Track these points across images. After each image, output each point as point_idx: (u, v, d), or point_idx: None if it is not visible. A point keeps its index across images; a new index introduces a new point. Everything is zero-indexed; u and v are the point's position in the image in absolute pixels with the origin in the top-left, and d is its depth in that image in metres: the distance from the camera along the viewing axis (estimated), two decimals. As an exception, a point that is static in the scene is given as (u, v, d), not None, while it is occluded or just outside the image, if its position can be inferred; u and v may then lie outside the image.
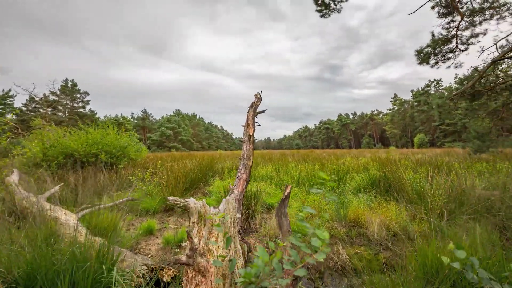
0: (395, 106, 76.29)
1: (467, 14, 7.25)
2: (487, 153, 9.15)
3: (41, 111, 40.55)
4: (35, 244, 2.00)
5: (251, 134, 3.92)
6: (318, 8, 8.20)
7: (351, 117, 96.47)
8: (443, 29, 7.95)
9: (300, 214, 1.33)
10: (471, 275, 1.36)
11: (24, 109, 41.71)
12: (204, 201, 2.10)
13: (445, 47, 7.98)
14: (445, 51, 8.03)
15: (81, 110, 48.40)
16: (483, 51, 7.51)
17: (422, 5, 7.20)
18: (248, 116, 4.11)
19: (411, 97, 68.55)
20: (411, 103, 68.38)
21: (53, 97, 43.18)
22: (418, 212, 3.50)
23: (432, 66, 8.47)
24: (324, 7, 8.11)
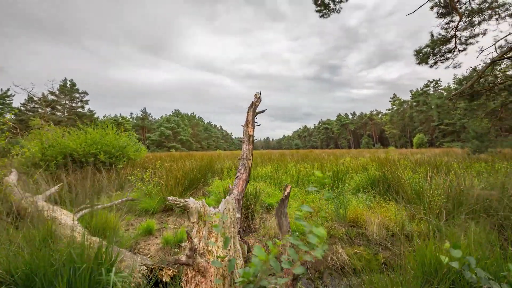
0: (394, 106, 76.44)
1: (466, 14, 7.27)
2: (486, 153, 9.18)
3: (39, 111, 40.42)
4: (33, 244, 1.99)
5: (250, 134, 3.91)
6: (318, 8, 8.22)
7: (350, 117, 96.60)
8: (442, 29, 7.98)
9: (298, 213, 1.33)
10: (469, 274, 1.36)
11: (22, 109, 41.59)
12: (204, 201, 2.10)
13: (444, 47, 8.01)
14: (444, 51, 8.05)
15: (80, 110, 48.27)
16: (482, 51, 7.54)
17: (421, 5, 7.22)
18: (247, 116, 4.11)
19: (410, 97, 68.72)
20: (410, 103, 68.53)
21: (51, 97, 43.06)
22: (417, 212, 3.51)
23: (431, 66, 8.51)
24: (323, 7, 8.13)
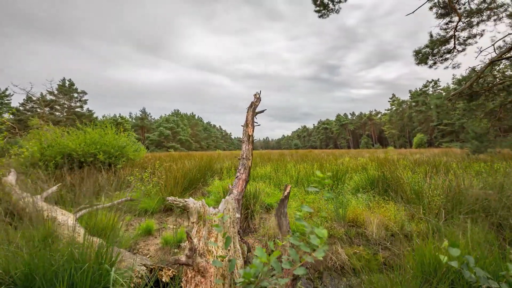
0: (393, 106, 76.55)
1: (464, 15, 7.29)
2: (485, 153, 9.20)
3: (38, 110, 40.29)
4: (32, 244, 1.98)
5: (250, 134, 3.91)
6: (317, 8, 8.22)
7: (349, 117, 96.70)
8: (441, 29, 8.00)
9: (298, 213, 1.33)
10: (468, 273, 1.37)
11: (21, 108, 41.46)
12: (204, 201, 2.10)
13: (443, 47, 8.03)
14: (443, 51, 8.07)
15: (78, 109, 48.13)
16: (480, 51, 7.56)
17: (420, 6, 7.24)
18: (247, 116, 4.11)
19: (409, 97, 68.85)
20: (409, 103, 68.66)
21: (50, 96, 42.93)
22: (416, 212, 3.52)
23: (430, 67, 8.53)
24: (322, 7, 8.13)
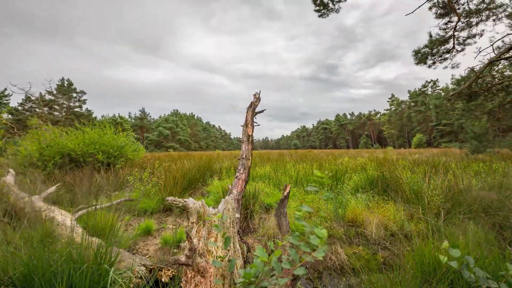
0: (392, 107, 76.68)
1: (464, 15, 7.31)
2: (484, 153, 9.22)
3: (37, 110, 40.16)
4: (31, 245, 1.98)
5: (250, 134, 3.91)
6: (317, 8, 8.22)
7: (348, 117, 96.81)
8: (440, 29, 8.01)
9: (298, 213, 1.33)
10: (468, 274, 1.37)
11: (20, 108, 41.31)
12: (203, 201, 2.09)
13: (442, 47, 8.03)
14: (442, 51, 8.08)
15: (77, 109, 47.97)
16: (479, 52, 7.58)
17: (419, 6, 7.25)
18: (246, 116, 4.10)
19: (408, 97, 69.00)
20: (408, 103, 68.78)
21: (49, 96, 42.80)
22: (415, 212, 3.52)
23: (430, 67, 8.53)
24: (322, 7, 8.13)
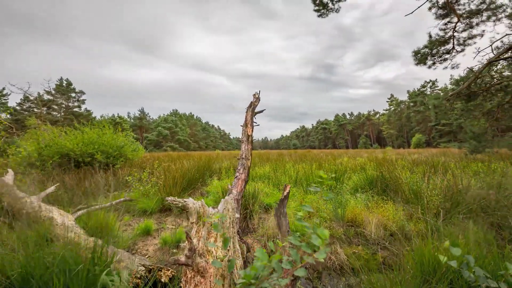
0: (391, 107, 76.83)
1: (464, 15, 7.32)
2: (483, 153, 9.25)
3: (35, 110, 40.04)
4: (28, 246, 1.97)
5: (249, 134, 3.91)
6: (316, 7, 8.21)
7: (348, 117, 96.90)
8: (440, 30, 8.02)
9: (299, 213, 1.33)
10: (467, 273, 1.37)
11: (18, 108, 41.18)
12: (203, 201, 2.09)
13: (442, 48, 8.04)
14: (442, 52, 8.08)
15: (76, 109, 47.86)
16: (478, 52, 7.59)
17: (419, 6, 7.26)
18: (246, 116, 4.10)
19: (407, 97, 69.15)
20: (407, 103, 68.92)
21: (48, 96, 42.67)
22: (414, 212, 3.53)
23: (429, 67, 8.54)
24: (322, 7, 8.13)
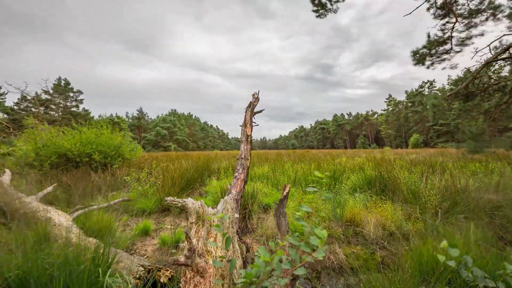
0: (389, 107, 77.11)
1: (462, 16, 7.35)
2: (481, 153, 9.29)
3: (33, 110, 39.83)
4: (25, 246, 1.95)
5: (248, 134, 3.90)
6: (315, 8, 8.21)
7: (346, 117, 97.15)
8: (438, 30, 8.05)
9: (297, 213, 1.33)
10: (465, 273, 1.38)
11: (15, 108, 40.93)
12: (203, 201, 2.08)
13: (441, 48, 8.07)
14: (440, 52, 8.11)
15: (74, 109, 47.69)
16: (476, 52, 7.63)
17: (418, 7, 7.29)
18: (245, 116, 4.09)
19: (405, 97, 69.44)
20: (405, 103, 69.21)
21: (45, 96, 42.45)
22: (413, 212, 3.54)
23: (428, 67, 8.55)
24: (320, 7, 8.13)
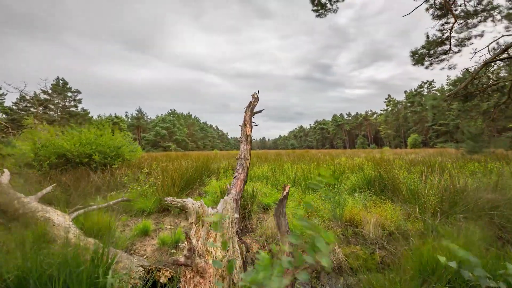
0: (388, 107, 77.23)
1: (461, 16, 7.37)
2: (479, 153, 9.30)
3: (32, 110, 39.71)
4: (24, 247, 1.94)
5: (248, 134, 3.90)
6: (315, 8, 8.22)
7: (345, 117, 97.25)
8: (437, 31, 8.08)
9: (299, 211, 1.32)
10: (467, 273, 1.37)
11: (14, 108, 40.79)
12: (202, 201, 2.08)
13: (439, 48, 8.09)
14: (439, 52, 8.13)
15: (73, 109, 47.50)
16: (475, 52, 7.65)
17: (417, 7, 7.31)
18: (245, 116, 4.08)
19: (404, 98, 69.58)
20: (404, 104, 69.34)
21: (44, 96, 42.32)
22: (412, 212, 3.54)
23: (427, 68, 8.57)
24: (320, 7, 8.14)
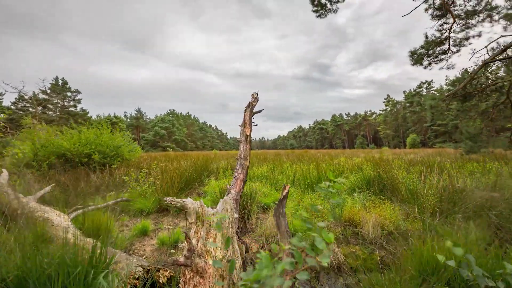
0: (387, 107, 77.34)
1: (460, 16, 7.39)
2: (478, 153, 9.34)
3: (30, 110, 39.61)
4: (24, 247, 1.94)
5: (248, 134, 3.90)
6: (315, 8, 8.23)
7: (345, 117, 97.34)
8: (436, 31, 8.10)
9: (304, 214, 1.32)
10: (466, 272, 1.38)
11: (13, 107, 40.67)
12: (202, 201, 2.08)
13: (438, 48, 8.10)
14: (438, 52, 8.15)
15: (72, 109, 47.42)
16: (474, 53, 7.68)
17: (416, 7, 7.32)
18: (245, 116, 4.08)
19: (403, 98, 69.70)
20: (403, 104, 69.46)
21: (43, 95, 42.22)
22: (411, 211, 3.55)
23: (425, 67, 8.59)
24: (320, 7, 8.15)
